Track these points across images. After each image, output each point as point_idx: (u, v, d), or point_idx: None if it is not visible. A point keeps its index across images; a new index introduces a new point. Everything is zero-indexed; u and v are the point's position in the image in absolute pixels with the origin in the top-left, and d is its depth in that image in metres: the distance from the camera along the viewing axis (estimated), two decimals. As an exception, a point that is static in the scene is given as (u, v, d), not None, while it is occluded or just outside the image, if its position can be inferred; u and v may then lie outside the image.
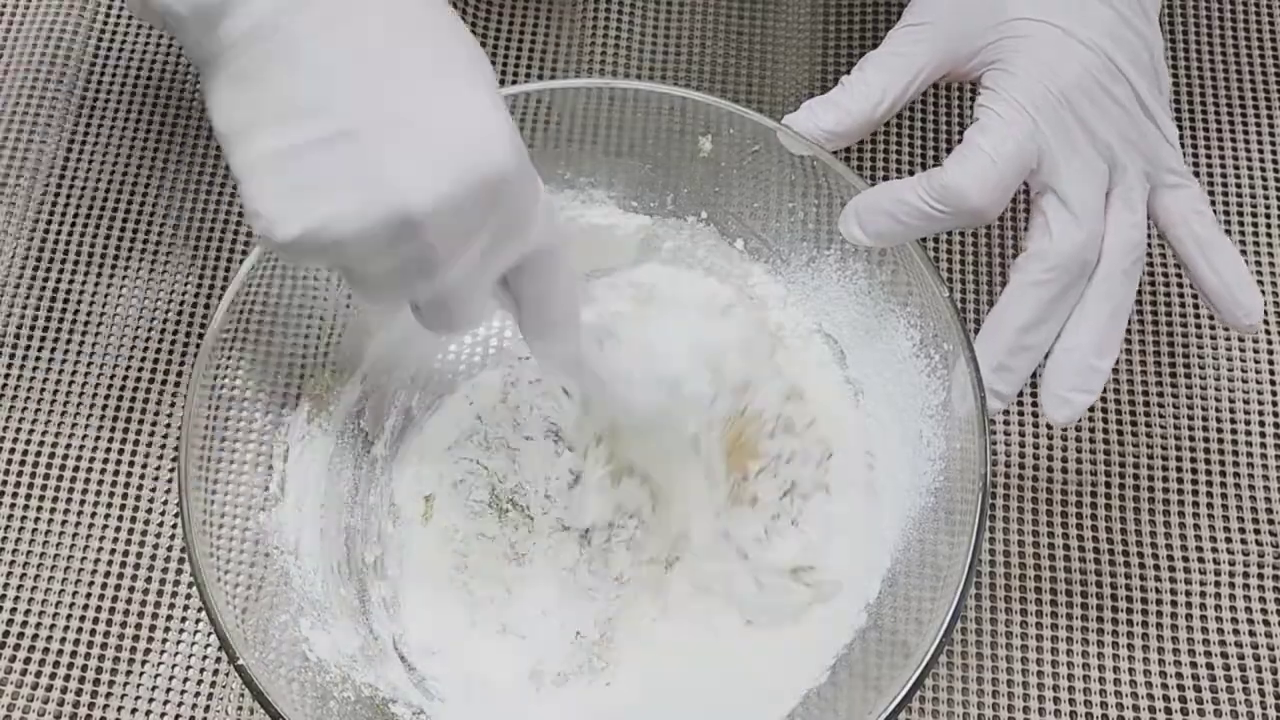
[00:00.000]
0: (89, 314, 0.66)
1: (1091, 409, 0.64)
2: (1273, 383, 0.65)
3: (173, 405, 0.64)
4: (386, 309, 0.50)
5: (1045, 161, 0.52)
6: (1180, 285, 0.67)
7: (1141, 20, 0.54)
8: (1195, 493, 0.63)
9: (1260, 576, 0.61)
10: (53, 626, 0.60)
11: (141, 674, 0.59)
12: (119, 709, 0.58)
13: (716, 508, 0.57)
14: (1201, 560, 0.62)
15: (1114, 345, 0.53)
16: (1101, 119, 0.52)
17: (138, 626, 0.60)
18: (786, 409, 0.58)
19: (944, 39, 0.54)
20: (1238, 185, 0.70)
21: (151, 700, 0.59)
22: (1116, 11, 0.53)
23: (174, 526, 0.62)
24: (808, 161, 0.56)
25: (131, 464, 0.63)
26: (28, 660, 0.59)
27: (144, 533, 0.62)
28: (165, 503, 0.62)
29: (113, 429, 0.64)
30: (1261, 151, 0.70)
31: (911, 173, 0.70)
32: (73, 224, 0.68)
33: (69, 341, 0.66)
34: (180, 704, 0.58)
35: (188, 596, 0.60)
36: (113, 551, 0.61)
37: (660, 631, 0.58)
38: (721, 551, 0.57)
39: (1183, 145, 0.70)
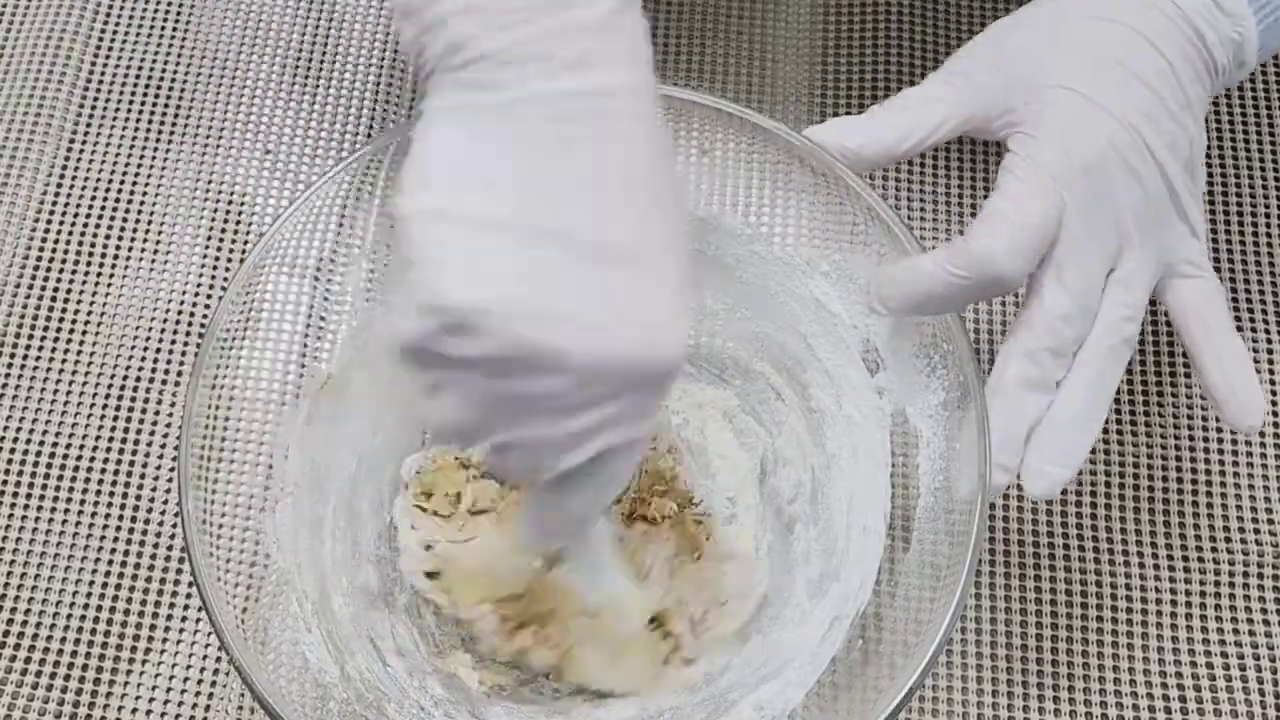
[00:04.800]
0: (89, 313, 0.66)
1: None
2: (1273, 383, 0.65)
3: (173, 404, 0.64)
4: (463, 441, 0.44)
5: (1059, 233, 0.51)
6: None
7: (1185, 113, 0.53)
8: (1195, 493, 0.63)
9: (1260, 576, 0.61)
10: (53, 626, 0.60)
11: (141, 674, 0.59)
12: (119, 709, 0.58)
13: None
14: (1201, 560, 0.62)
15: (1095, 421, 0.52)
16: (1122, 196, 0.52)
17: (138, 626, 0.60)
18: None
19: (978, 95, 0.54)
20: (1238, 186, 0.70)
21: (151, 700, 0.59)
22: (1158, 95, 0.52)
23: (174, 526, 0.62)
24: (807, 161, 0.56)
25: (132, 463, 0.63)
26: (28, 660, 0.59)
27: (144, 533, 0.62)
28: (165, 503, 0.62)
29: (113, 428, 0.64)
30: (1261, 152, 0.70)
31: (912, 170, 0.70)
32: (73, 224, 0.68)
33: (69, 341, 0.66)
34: (180, 704, 0.58)
35: (188, 596, 0.61)
36: (113, 551, 0.61)
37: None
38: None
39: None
